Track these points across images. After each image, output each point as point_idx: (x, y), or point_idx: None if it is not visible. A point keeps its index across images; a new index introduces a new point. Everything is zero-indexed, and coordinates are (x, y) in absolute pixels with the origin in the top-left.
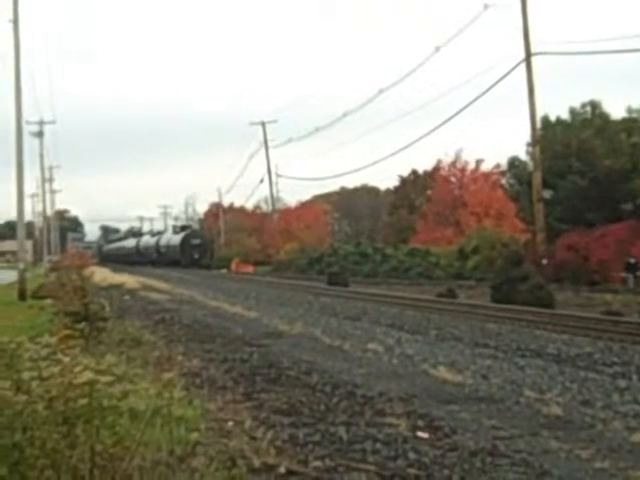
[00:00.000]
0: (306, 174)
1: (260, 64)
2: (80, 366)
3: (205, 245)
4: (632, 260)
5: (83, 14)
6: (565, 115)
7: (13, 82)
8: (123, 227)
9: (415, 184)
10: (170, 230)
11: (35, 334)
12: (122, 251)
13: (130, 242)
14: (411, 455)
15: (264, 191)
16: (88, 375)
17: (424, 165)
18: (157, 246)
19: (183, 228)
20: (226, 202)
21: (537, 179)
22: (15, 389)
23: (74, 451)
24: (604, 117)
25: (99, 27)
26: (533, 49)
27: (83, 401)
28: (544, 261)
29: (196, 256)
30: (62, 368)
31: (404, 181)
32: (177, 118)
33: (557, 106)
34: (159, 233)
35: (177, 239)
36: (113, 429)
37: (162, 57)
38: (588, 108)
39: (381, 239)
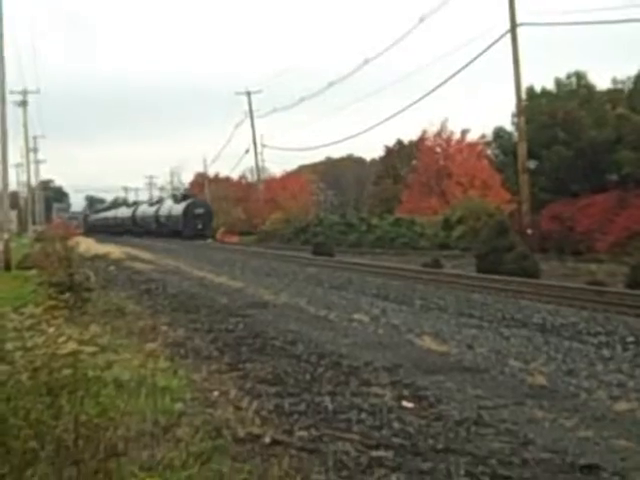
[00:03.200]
0: (292, 144)
1: (245, 34)
2: (64, 336)
3: (209, 215)
4: None
5: None
6: (550, 86)
7: None
8: (108, 197)
9: (400, 154)
10: (169, 199)
11: (20, 304)
12: (113, 221)
13: (124, 211)
14: (396, 425)
15: (249, 161)
16: (72, 346)
17: (410, 135)
18: (156, 216)
19: (185, 197)
20: (211, 172)
21: (522, 150)
22: None
23: (58, 421)
24: (589, 88)
25: None
26: (519, 19)
27: (67, 371)
28: (529, 231)
29: (200, 226)
30: (46, 338)
31: (390, 151)
32: (163, 88)
33: (543, 77)
34: (158, 202)
35: (179, 208)
36: (97, 399)
37: (148, 26)
38: (573, 79)
39: (366, 209)
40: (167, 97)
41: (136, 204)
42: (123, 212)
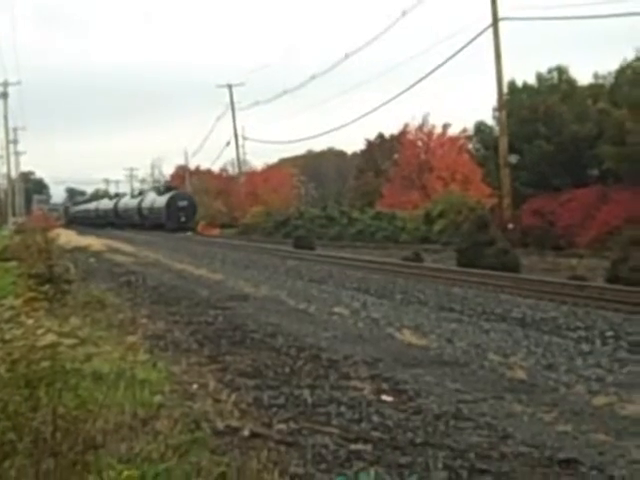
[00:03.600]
0: (273, 137)
1: (228, 27)
2: (43, 329)
3: (193, 207)
4: None
5: None
6: (532, 80)
7: None
8: (89, 190)
9: (382, 148)
10: (152, 191)
11: None
12: (95, 213)
13: (106, 203)
14: (375, 418)
15: (231, 154)
16: (51, 338)
17: (391, 129)
18: (139, 208)
19: (168, 189)
20: (192, 165)
21: (503, 144)
22: None
23: (36, 413)
24: (571, 83)
25: None
26: (500, 14)
27: (46, 364)
28: (510, 226)
29: (183, 219)
30: (25, 330)
31: (371, 145)
32: (143, 80)
33: (524, 71)
34: (140, 194)
35: (162, 201)
36: (76, 392)
37: (129, 17)
38: (555, 74)
39: (347, 203)
40: (148, 89)
41: (118, 196)
42: (105, 204)
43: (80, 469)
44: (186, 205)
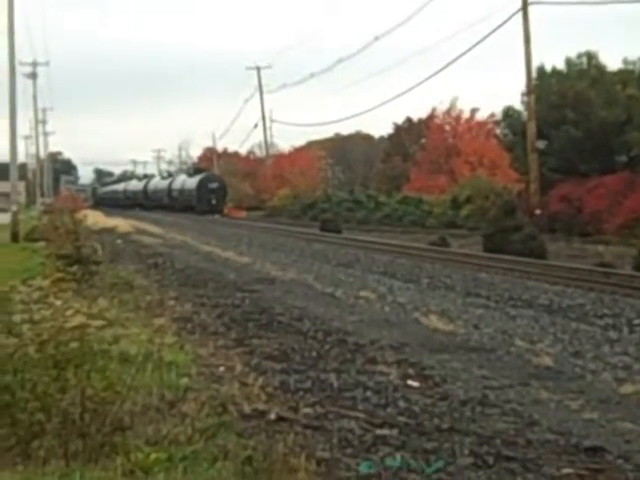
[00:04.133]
0: (300, 120)
1: (256, 8)
2: (72, 310)
3: (223, 189)
4: None
5: None
6: (561, 65)
7: (6, 22)
8: (116, 170)
9: (410, 132)
10: (183, 173)
11: (27, 277)
12: (123, 194)
13: (135, 184)
14: (401, 403)
15: (258, 136)
16: (80, 319)
17: (419, 113)
18: (169, 190)
19: (198, 170)
20: (220, 147)
21: (531, 129)
22: (6, 332)
23: (64, 394)
24: (600, 68)
25: None
26: None
27: (74, 345)
28: (537, 211)
29: (214, 202)
30: (54, 311)
31: (399, 129)
32: (173, 61)
33: (553, 56)
34: (170, 175)
35: (192, 182)
36: (104, 373)
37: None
38: (584, 59)
39: (374, 186)
40: (176, 71)
41: (147, 177)
42: (134, 185)
43: (108, 450)
44: (216, 187)
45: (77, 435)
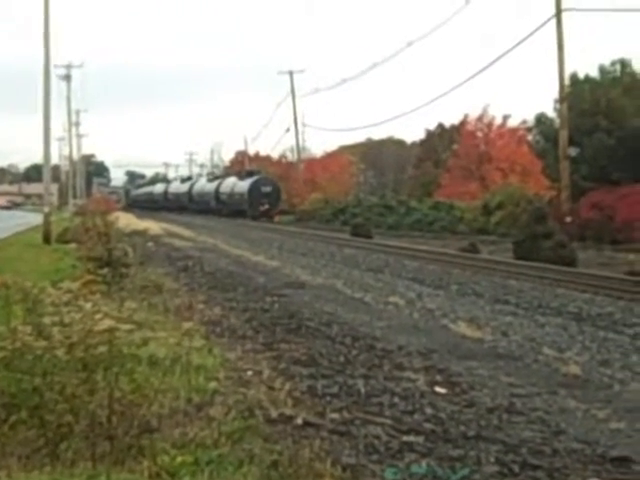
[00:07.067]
0: (332, 125)
1: (291, 13)
2: (101, 313)
3: (277, 193)
4: None
5: None
6: (594, 73)
7: (42, 25)
8: (148, 173)
9: (441, 138)
10: (230, 176)
11: (58, 279)
12: (160, 197)
13: (178, 187)
14: (428, 410)
15: (290, 140)
16: (109, 322)
17: (451, 119)
18: (217, 193)
19: (250, 173)
20: (252, 150)
21: (563, 136)
22: (36, 334)
23: (93, 397)
24: (633, 76)
25: None
26: (564, 5)
27: (103, 348)
28: (568, 219)
29: (266, 206)
30: (83, 315)
31: (430, 134)
32: (205, 65)
33: (586, 64)
34: (216, 178)
35: (244, 186)
36: (132, 376)
37: (193, 1)
38: (617, 66)
39: (406, 192)
40: (209, 74)
41: (190, 179)
42: (177, 187)
43: (135, 453)
44: (270, 191)
45: (104, 437)
